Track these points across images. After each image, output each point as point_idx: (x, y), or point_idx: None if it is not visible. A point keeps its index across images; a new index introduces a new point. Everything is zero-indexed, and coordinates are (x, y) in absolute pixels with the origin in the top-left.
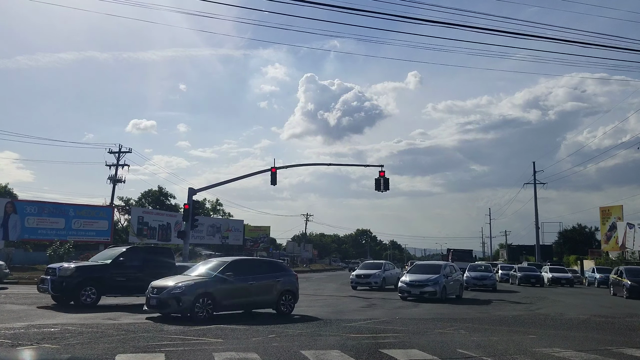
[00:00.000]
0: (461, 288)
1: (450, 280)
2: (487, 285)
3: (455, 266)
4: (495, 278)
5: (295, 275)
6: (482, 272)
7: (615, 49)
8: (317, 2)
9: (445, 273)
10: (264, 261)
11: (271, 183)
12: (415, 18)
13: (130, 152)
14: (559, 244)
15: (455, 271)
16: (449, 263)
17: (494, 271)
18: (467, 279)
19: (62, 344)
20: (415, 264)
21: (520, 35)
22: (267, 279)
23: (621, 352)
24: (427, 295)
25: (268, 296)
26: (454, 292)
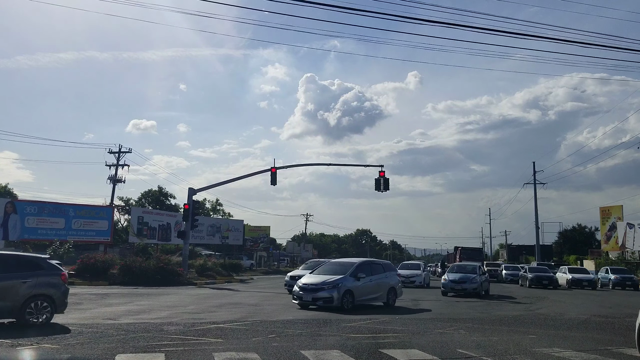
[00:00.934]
0: (392, 293)
1: (367, 283)
2: (466, 290)
3: (387, 265)
4: (479, 281)
5: None
6: (465, 273)
7: (615, 49)
8: (317, 2)
9: (355, 273)
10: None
11: (271, 183)
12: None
13: (130, 152)
14: (559, 244)
15: (383, 271)
16: (375, 261)
17: (480, 272)
18: (445, 282)
19: (62, 344)
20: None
21: (520, 35)
22: None
23: (621, 352)
24: (321, 302)
25: None
26: (377, 297)
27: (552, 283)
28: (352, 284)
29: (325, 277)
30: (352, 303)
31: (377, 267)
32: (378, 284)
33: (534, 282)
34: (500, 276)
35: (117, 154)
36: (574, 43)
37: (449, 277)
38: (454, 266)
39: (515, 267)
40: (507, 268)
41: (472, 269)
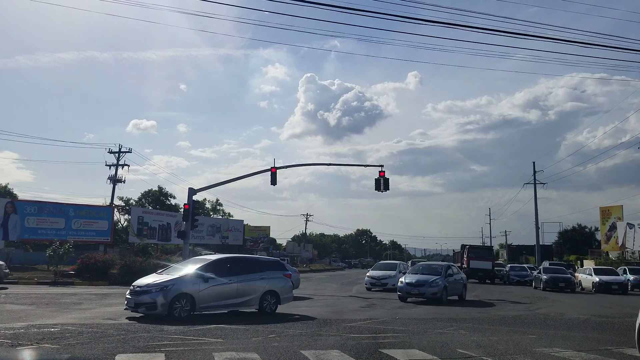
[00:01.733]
0: (272, 297)
1: (221, 285)
2: (424, 295)
3: (269, 263)
4: (441, 284)
5: None
6: (426, 274)
7: (615, 49)
8: (317, 2)
9: (199, 274)
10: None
11: (271, 183)
12: (416, 18)
13: (130, 152)
14: (559, 244)
15: (260, 270)
16: (246, 258)
17: (447, 273)
18: (401, 286)
19: (62, 344)
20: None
21: (520, 35)
22: None
23: (621, 352)
24: (144, 308)
25: None
26: (242, 303)
27: (569, 285)
28: (192, 287)
29: (162, 277)
30: (191, 310)
31: (247, 265)
32: (243, 286)
33: (549, 284)
34: (506, 277)
35: (117, 154)
36: (574, 43)
37: (405, 278)
38: (418, 266)
39: (523, 268)
40: (514, 268)
41: (437, 269)
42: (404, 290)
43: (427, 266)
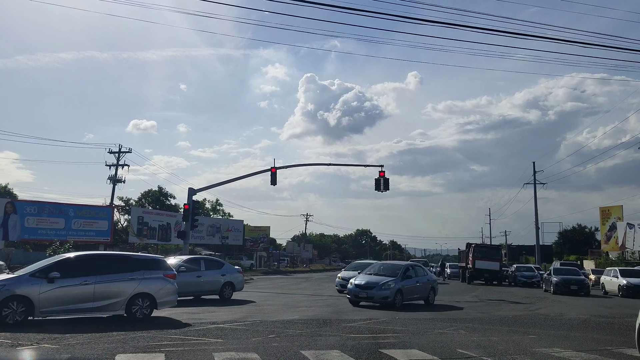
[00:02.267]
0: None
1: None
2: (373, 299)
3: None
4: (393, 287)
5: None
6: (379, 275)
7: (615, 49)
8: (317, 2)
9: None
10: None
11: (271, 183)
12: (416, 18)
13: (130, 152)
14: (559, 244)
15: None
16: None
17: (405, 275)
18: (350, 288)
19: (62, 344)
20: None
21: (520, 35)
22: None
23: (621, 352)
24: None
25: None
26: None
27: (583, 288)
28: (30, 288)
29: None
30: (27, 315)
31: (112, 263)
32: (104, 287)
33: (560, 287)
34: (512, 278)
35: (117, 154)
36: (574, 43)
37: (356, 280)
38: (376, 265)
39: (529, 268)
40: (520, 269)
41: (395, 270)
42: (352, 293)
43: (386, 266)
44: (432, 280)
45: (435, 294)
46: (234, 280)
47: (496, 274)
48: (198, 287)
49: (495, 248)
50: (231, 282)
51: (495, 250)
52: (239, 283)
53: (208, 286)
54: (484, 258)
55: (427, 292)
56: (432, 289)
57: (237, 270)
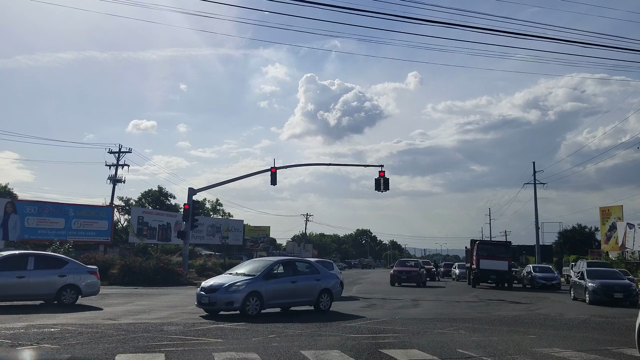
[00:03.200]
0: None
1: None
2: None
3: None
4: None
5: None
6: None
7: (615, 49)
8: (317, 2)
9: None
10: None
11: (271, 183)
12: (416, 18)
13: (130, 152)
14: (559, 244)
15: None
16: None
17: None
18: (198, 293)
19: (62, 344)
20: None
21: (520, 35)
22: None
23: (621, 352)
24: None
25: None
26: None
27: (630, 297)
28: None
29: None
30: None
31: None
32: None
33: (599, 294)
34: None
35: (117, 154)
36: (574, 43)
37: (207, 282)
38: (248, 262)
39: (548, 268)
40: (539, 269)
41: (258, 267)
42: (197, 299)
43: (257, 263)
44: (326, 281)
45: (332, 299)
46: (79, 282)
47: (504, 275)
48: (20, 290)
49: (504, 245)
50: (75, 285)
51: (504, 247)
52: (88, 286)
53: (36, 290)
54: (490, 257)
55: (314, 296)
56: (324, 292)
57: (88, 271)
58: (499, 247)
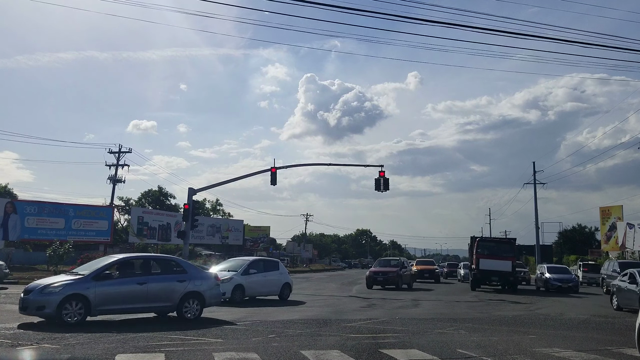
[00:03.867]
0: None
1: None
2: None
3: None
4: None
5: None
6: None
7: (615, 49)
8: (317, 2)
9: None
10: None
11: (271, 183)
12: (416, 18)
13: (130, 152)
14: (559, 244)
15: None
16: None
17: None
18: None
19: (62, 344)
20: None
21: (520, 35)
22: None
23: (621, 352)
24: None
25: None
26: None
27: None
28: None
29: None
30: None
31: None
32: None
33: None
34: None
35: (117, 154)
36: (574, 43)
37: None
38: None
39: (563, 269)
40: (554, 270)
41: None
42: None
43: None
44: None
45: (203, 305)
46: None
47: (508, 277)
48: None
49: (507, 243)
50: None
51: (507, 245)
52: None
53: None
54: (492, 256)
55: (174, 300)
56: (195, 296)
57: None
58: (502, 245)
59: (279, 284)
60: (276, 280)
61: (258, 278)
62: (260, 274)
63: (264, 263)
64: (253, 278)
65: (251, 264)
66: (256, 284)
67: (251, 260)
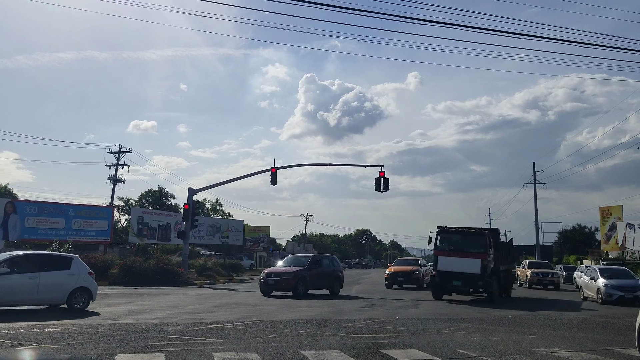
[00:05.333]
0: None
1: None
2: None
3: None
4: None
5: None
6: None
7: (615, 49)
8: (317, 2)
9: None
10: None
11: (271, 183)
12: (416, 18)
13: (130, 152)
14: (558, 244)
15: None
16: None
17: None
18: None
19: (62, 344)
20: None
21: (520, 35)
22: None
23: (621, 352)
24: None
25: None
26: None
27: None
28: None
29: None
30: None
31: None
32: None
33: None
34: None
35: (117, 154)
36: (574, 43)
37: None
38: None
39: (624, 272)
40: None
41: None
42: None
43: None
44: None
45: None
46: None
47: (475, 281)
48: None
49: (478, 234)
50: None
51: (477, 237)
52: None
53: None
54: (455, 252)
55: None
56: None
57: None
58: (470, 237)
59: (332, 278)
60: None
61: (317, 272)
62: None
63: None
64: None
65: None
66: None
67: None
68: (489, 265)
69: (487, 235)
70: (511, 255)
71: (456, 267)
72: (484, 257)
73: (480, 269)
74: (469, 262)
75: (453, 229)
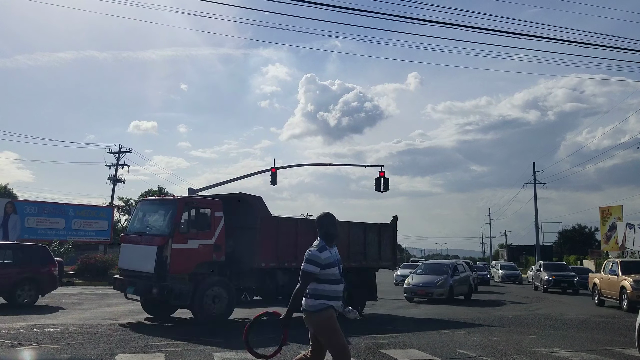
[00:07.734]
0: None
1: None
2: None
3: None
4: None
5: None
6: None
7: (615, 49)
8: (317, 2)
9: None
10: None
11: (271, 183)
12: (416, 18)
13: (130, 152)
14: (558, 244)
15: None
16: None
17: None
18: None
19: (62, 344)
20: None
21: (520, 35)
22: None
23: (621, 352)
24: None
25: None
26: None
27: None
28: None
29: None
30: None
31: None
32: None
33: None
34: None
35: (117, 154)
36: (574, 43)
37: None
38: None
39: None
40: None
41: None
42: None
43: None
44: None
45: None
46: None
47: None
48: None
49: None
50: None
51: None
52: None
53: None
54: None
55: (468, 288)
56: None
57: None
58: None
59: (468, 284)
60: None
61: (460, 279)
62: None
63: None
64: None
65: (454, 267)
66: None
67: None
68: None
69: (182, 202)
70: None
71: (132, 262)
72: (162, 242)
73: (154, 266)
74: (142, 253)
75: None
